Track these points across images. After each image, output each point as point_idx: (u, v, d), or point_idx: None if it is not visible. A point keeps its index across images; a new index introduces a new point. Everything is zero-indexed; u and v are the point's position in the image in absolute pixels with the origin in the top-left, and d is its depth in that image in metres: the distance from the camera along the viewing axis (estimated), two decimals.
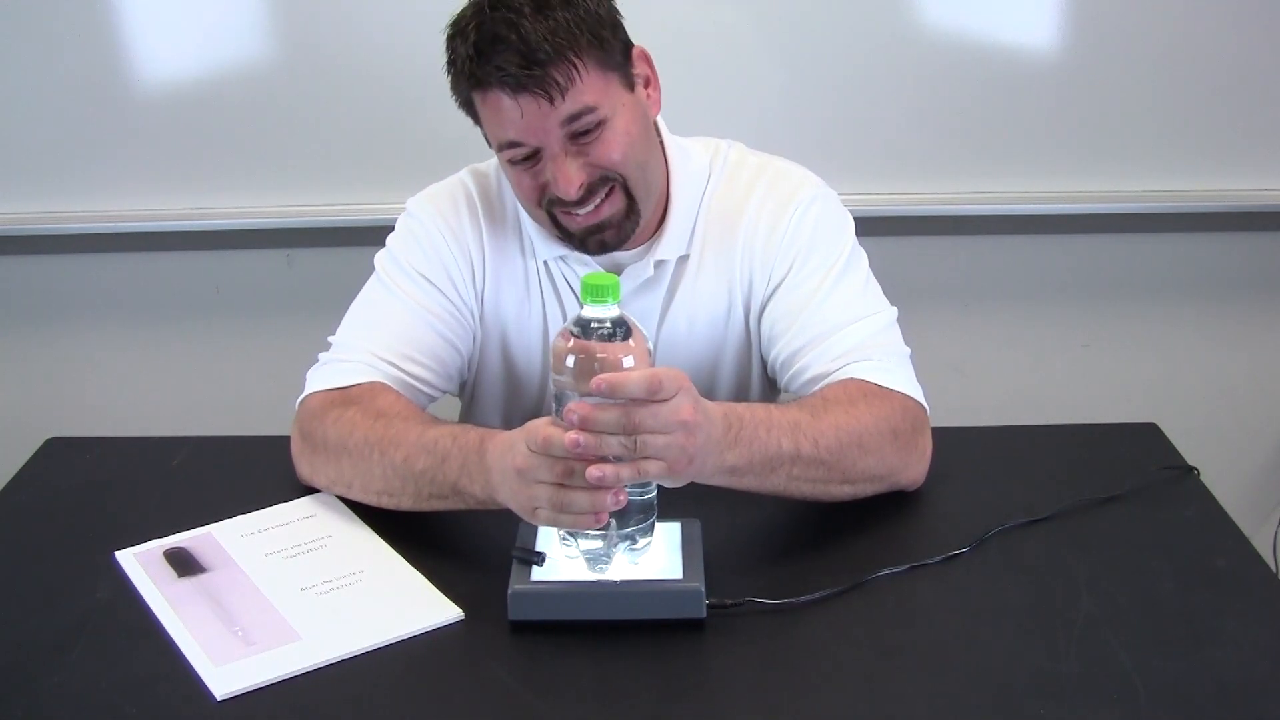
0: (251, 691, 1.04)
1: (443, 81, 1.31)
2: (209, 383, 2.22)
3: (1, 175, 2.04)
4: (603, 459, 1.05)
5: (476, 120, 1.33)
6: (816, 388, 1.33)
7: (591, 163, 1.29)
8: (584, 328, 1.07)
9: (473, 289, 1.44)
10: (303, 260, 2.15)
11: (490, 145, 1.34)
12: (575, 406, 1.04)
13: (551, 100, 1.24)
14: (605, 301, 1.07)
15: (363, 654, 1.08)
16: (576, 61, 1.24)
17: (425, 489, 1.23)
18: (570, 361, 1.07)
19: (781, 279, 1.41)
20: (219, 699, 1.03)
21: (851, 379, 1.32)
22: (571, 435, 1.04)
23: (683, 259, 1.43)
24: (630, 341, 1.08)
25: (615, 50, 1.30)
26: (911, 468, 1.32)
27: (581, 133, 1.28)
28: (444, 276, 1.42)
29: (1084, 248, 2.18)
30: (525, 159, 1.30)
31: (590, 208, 1.32)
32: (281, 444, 1.42)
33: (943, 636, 1.11)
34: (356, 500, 1.31)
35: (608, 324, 1.07)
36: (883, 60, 2.01)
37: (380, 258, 1.45)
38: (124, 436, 1.52)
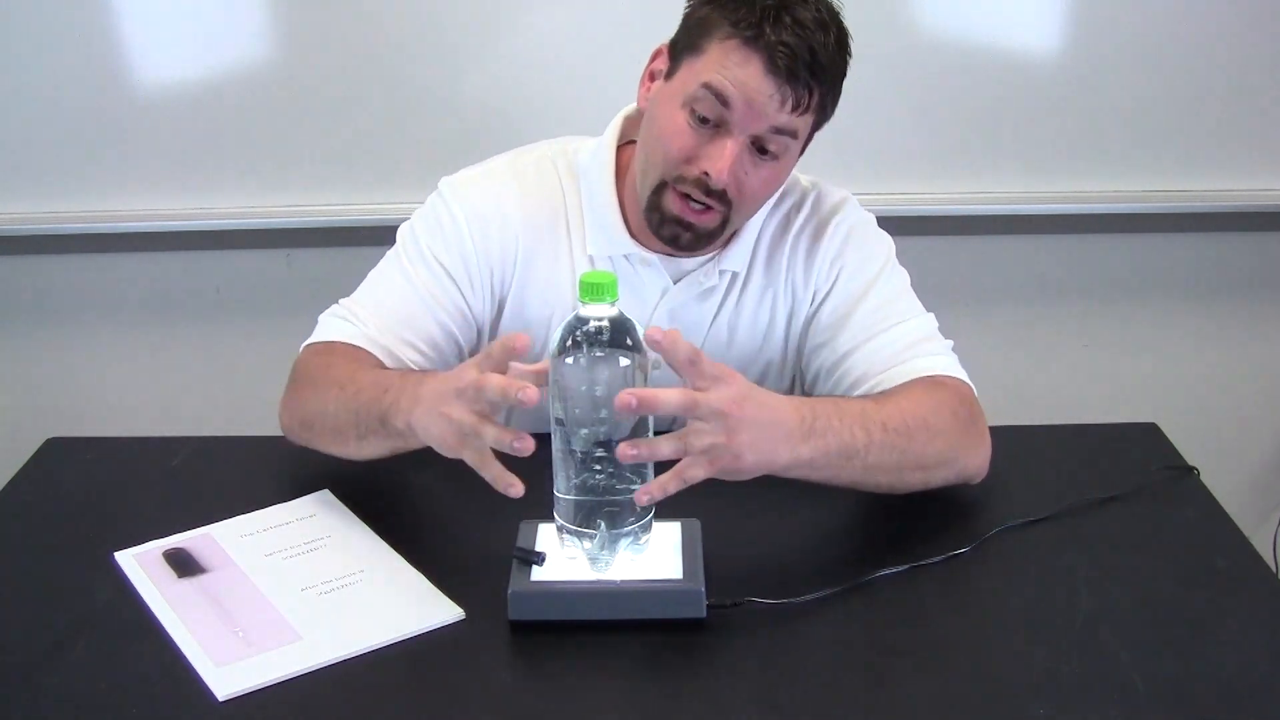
0: (253, 692, 1.04)
1: (443, 82, 1.31)
2: (209, 383, 2.22)
3: (1, 175, 2.04)
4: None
5: (692, 44, 1.28)
6: (861, 390, 1.34)
7: (741, 181, 1.29)
8: (581, 326, 1.07)
9: (490, 286, 1.42)
10: (303, 260, 2.15)
11: (662, 77, 1.32)
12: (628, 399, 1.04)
13: (788, 105, 1.25)
14: (603, 300, 1.07)
15: (363, 654, 1.08)
16: (818, 100, 1.27)
17: (362, 424, 1.24)
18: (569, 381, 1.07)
19: (826, 294, 1.42)
20: (221, 700, 1.03)
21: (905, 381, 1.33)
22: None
23: (735, 275, 1.44)
24: (629, 342, 1.08)
25: (822, 122, 1.33)
26: (975, 451, 1.31)
27: (763, 149, 1.28)
28: (460, 268, 1.40)
29: (1084, 248, 2.18)
30: (704, 120, 1.27)
31: (705, 204, 1.30)
32: (281, 444, 1.42)
33: (943, 636, 1.11)
34: (316, 446, 1.33)
35: (606, 323, 1.07)
36: (883, 61, 2.01)
37: (403, 232, 1.44)
38: (124, 436, 1.52)
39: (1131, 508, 1.30)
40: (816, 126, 1.33)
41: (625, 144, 1.43)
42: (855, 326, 1.39)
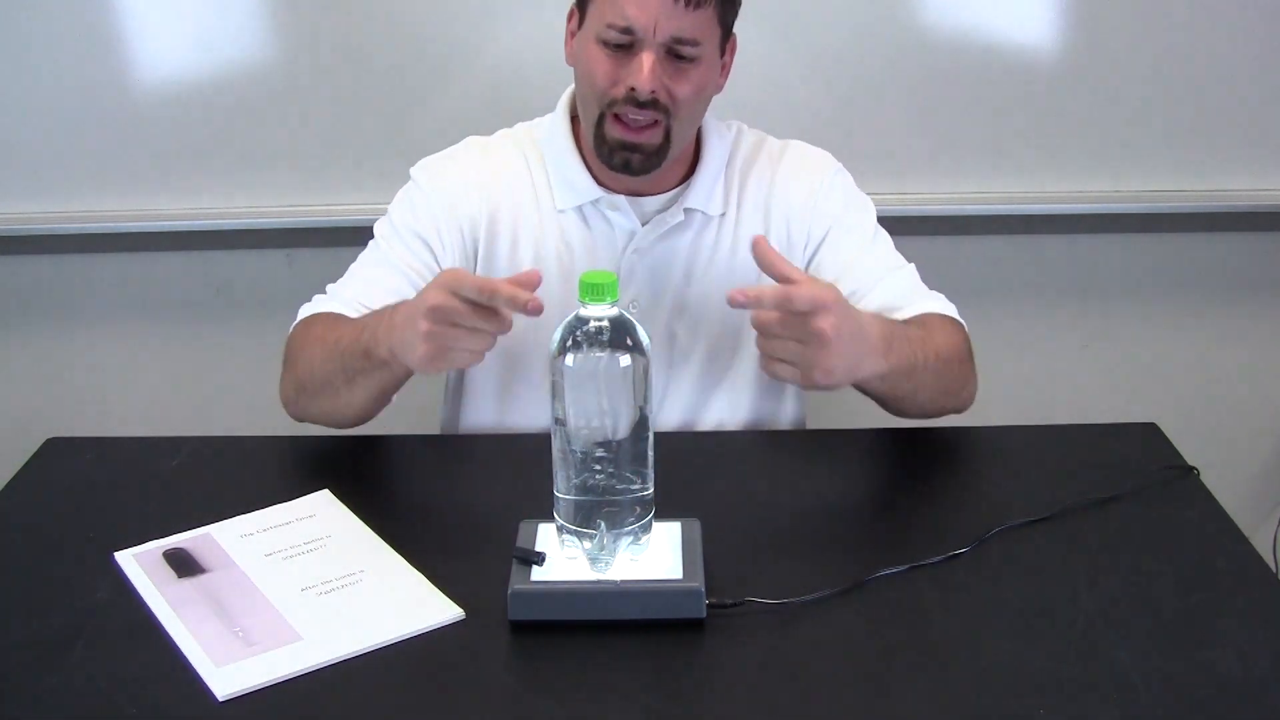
0: (253, 692, 1.04)
1: (442, 81, 1.31)
2: (209, 383, 2.22)
3: (1, 175, 2.04)
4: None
5: (583, 10, 1.41)
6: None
7: (668, 87, 1.37)
8: (581, 326, 1.07)
9: (462, 246, 1.50)
10: (303, 260, 2.14)
11: (576, 29, 1.42)
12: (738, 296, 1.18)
13: (680, 3, 1.33)
14: (603, 301, 1.07)
15: (363, 654, 1.08)
16: None
17: (347, 363, 1.33)
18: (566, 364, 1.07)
19: (822, 238, 1.52)
20: (220, 700, 1.03)
21: (924, 312, 1.46)
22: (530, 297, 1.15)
23: (720, 218, 1.51)
24: (629, 342, 1.08)
25: (730, 17, 1.42)
26: (971, 384, 1.48)
27: (676, 56, 1.37)
28: (432, 232, 1.49)
29: (1084, 248, 2.18)
30: (619, 47, 1.37)
31: (642, 118, 1.38)
32: (281, 444, 1.43)
33: (943, 636, 1.11)
34: (313, 411, 1.41)
35: (606, 323, 1.07)
36: (883, 60, 2.01)
37: (379, 224, 1.53)
38: (124, 436, 1.52)
39: (1131, 508, 1.30)
40: (727, 22, 1.42)
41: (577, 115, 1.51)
42: (863, 269, 1.50)
